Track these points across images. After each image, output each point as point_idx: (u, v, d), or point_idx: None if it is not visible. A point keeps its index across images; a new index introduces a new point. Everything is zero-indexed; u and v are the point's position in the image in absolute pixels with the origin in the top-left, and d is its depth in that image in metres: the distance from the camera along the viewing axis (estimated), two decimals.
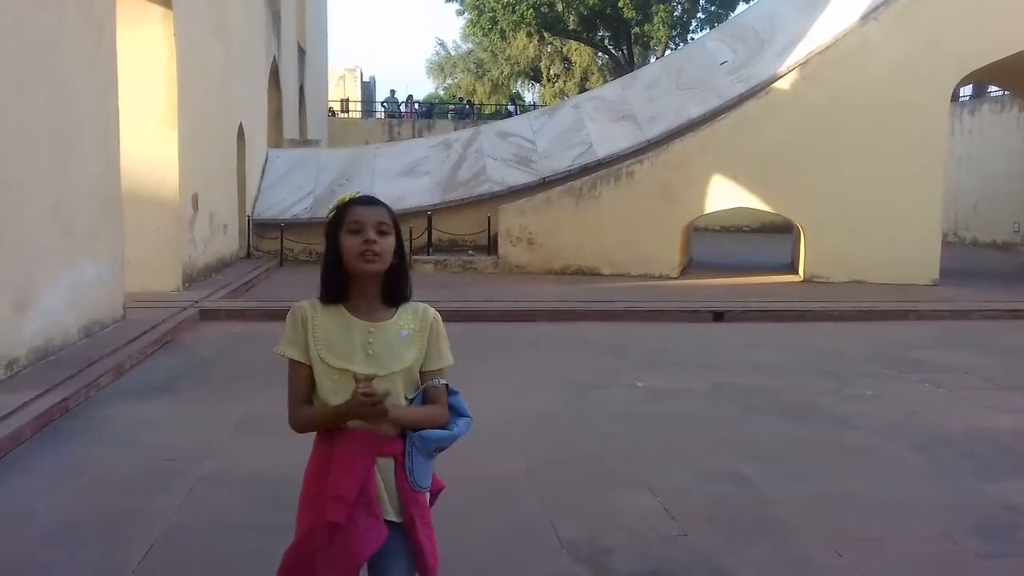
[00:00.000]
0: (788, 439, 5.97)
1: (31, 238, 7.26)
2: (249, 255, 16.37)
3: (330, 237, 2.36)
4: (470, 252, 16.05)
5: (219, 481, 4.96)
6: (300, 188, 17.41)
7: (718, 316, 11.18)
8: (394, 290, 2.40)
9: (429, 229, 15.93)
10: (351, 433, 2.32)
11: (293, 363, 2.37)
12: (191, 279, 12.27)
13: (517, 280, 14.27)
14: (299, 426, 2.39)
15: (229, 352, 8.77)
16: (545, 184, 16.11)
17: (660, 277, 14.69)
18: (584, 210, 15.08)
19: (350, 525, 2.27)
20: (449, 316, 9.58)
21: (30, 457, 5.33)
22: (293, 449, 5.81)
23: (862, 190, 14.28)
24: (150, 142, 11.25)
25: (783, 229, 20.16)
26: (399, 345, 2.37)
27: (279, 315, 10.48)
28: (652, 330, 10.32)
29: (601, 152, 16.35)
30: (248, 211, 16.51)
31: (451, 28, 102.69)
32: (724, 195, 14.97)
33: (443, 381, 2.45)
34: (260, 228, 16.69)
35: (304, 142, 22.13)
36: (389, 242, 2.33)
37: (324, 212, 2.29)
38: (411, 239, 15.86)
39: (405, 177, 17.35)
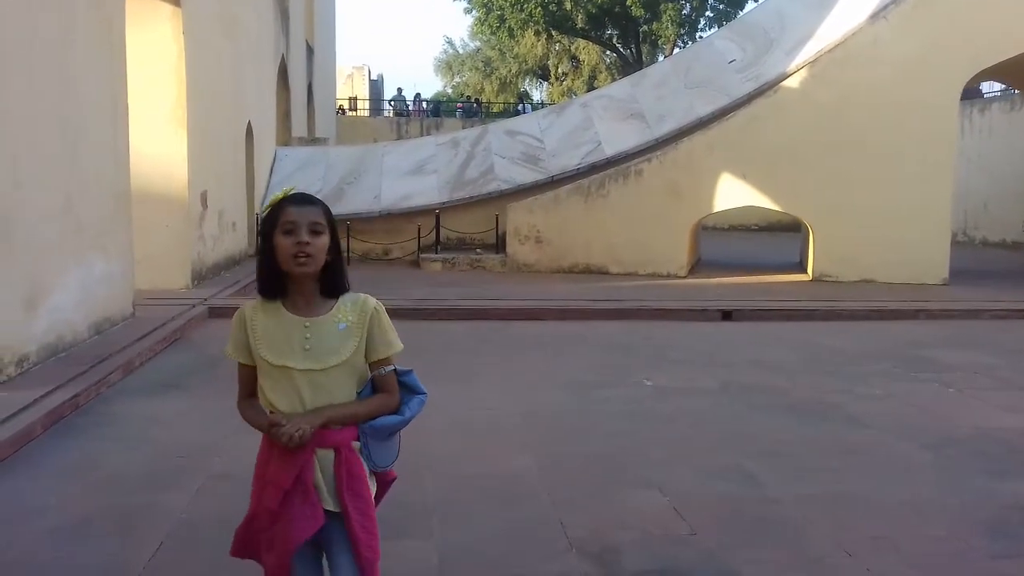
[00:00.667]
0: (797, 438, 5.96)
1: (41, 235, 7.29)
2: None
3: (265, 235, 2.40)
4: (478, 251, 16.05)
5: (229, 478, 4.97)
6: (309, 186, 17.37)
7: (726, 315, 11.16)
8: (330, 285, 2.44)
9: (437, 227, 15.93)
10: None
11: (240, 364, 2.50)
12: (200, 277, 12.31)
13: (525, 279, 14.27)
14: (242, 417, 2.52)
15: None
16: (553, 183, 16.10)
17: (668, 276, 14.67)
18: (592, 209, 15.07)
19: (286, 511, 2.35)
20: (457, 314, 9.70)
21: (41, 453, 5.36)
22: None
23: (871, 189, 14.23)
24: (159, 140, 11.29)
25: (791, 228, 20.11)
26: (336, 338, 2.41)
27: None
28: (660, 329, 10.31)
29: (609, 150, 16.34)
30: (257, 209, 16.53)
31: (459, 26, 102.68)
32: (733, 194, 14.94)
33: (390, 368, 2.49)
34: None
35: (312, 140, 22.17)
36: (322, 242, 2.37)
37: (333, 210, 2.30)
38: (420, 237, 15.89)
39: (413, 175, 17.36)
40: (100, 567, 3.81)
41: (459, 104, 43.20)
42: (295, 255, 2.33)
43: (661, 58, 38.17)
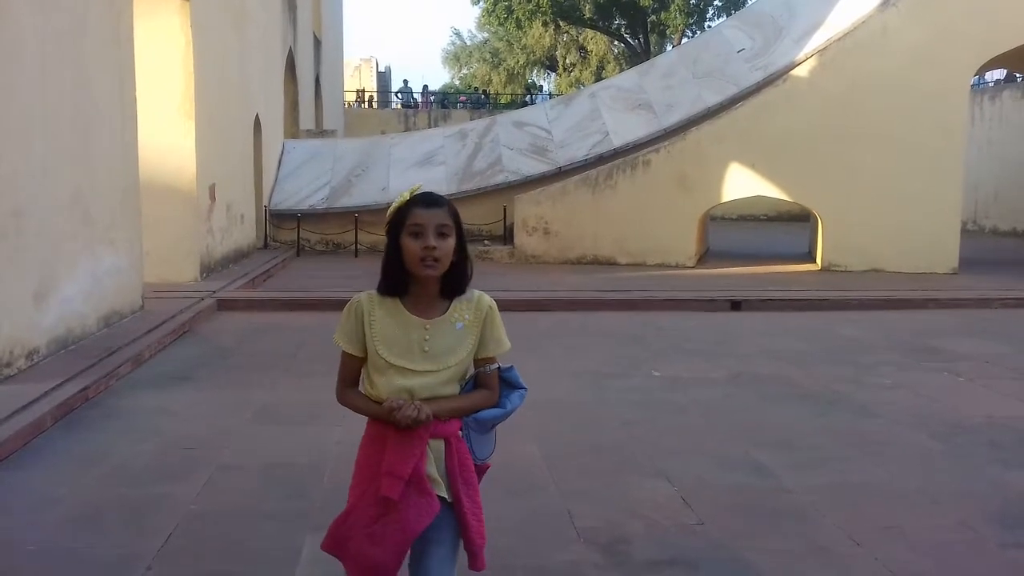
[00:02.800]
0: (806, 428, 5.95)
1: (51, 228, 7.30)
2: (266, 245, 16.43)
3: (391, 235, 2.40)
4: (486, 242, 16.04)
5: (238, 469, 4.99)
6: (317, 179, 17.44)
7: (735, 305, 11.14)
8: (453, 286, 2.44)
9: None
10: None
11: (345, 353, 2.47)
12: (208, 269, 12.33)
13: (533, 270, 14.26)
14: (344, 404, 2.52)
15: (247, 342, 8.81)
16: (561, 174, 16.07)
17: (677, 266, 14.65)
18: (600, 199, 15.04)
19: (403, 501, 2.34)
20: None
21: (51, 445, 5.38)
22: (311, 437, 5.83)
23: (881, 178, 14.18)
24: (168, 132, 11.30)
25: (800, 218, 20.05)
26: (454, 338, 2.43)
27: (296, 305, 10.62)
28: (669, 319, 10.29)
29: (617, 141, 16.30)
30: (265, 201, 16.57)
31: (466, 17, 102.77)
32: (741, 184, 14.90)
33: (495, 367, 2.53)
34: (277, 219, 16.73)
35: (320, 132, 22.18)
36: (449, 244, 2.37)
37: (341, 203, 2.29)
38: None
39: (421, 167, 17.35)
40: (110, 558, 3.83)
41: (461, 98, 43.13)
42: (423, 259, 2.33)
43: (669, 48, 38.01)
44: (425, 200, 2.38)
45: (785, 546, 4.01)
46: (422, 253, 2.32)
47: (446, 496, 2.42)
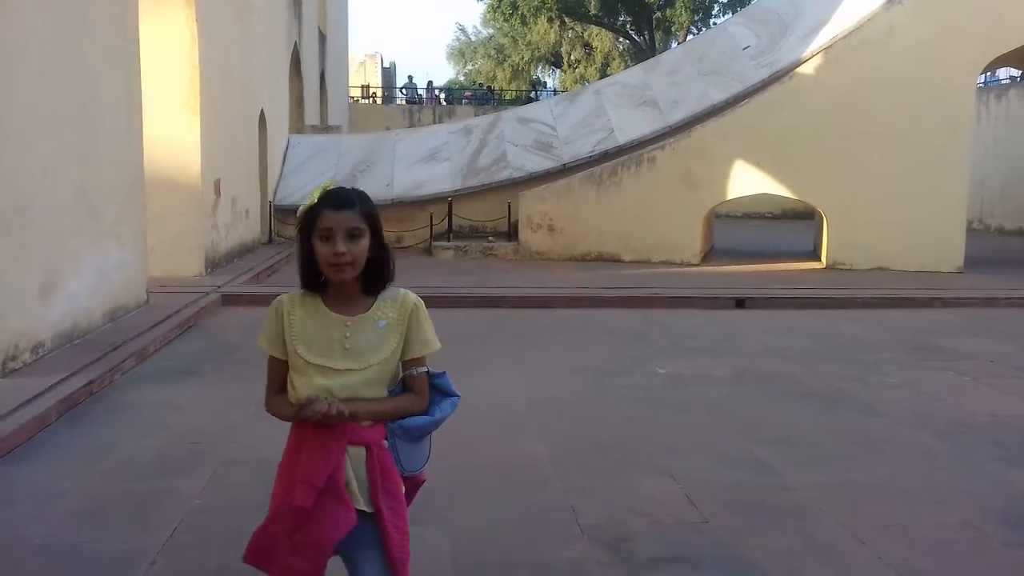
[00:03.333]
0: (810, 426, 5.94)
1: (56, 223, 7.32)
2: (271, 240, 16.44)
3: (302, 237, 2.31)
4: (490, 238, 16.04)
5: (243, 463, 5.00)
6: (322, 174, 17.42)
7: (740, 303, 11.13)
8: (372, 282, 2.36)
9: (450, 215, 15.93)
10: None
11: (271, 357, 2.40)
12: (213, 264, 12.35)
13: (537, 266, 14.26)
14: (270, 412, 2.45)
15: (251, 336, 8.77)
16: (566, 170, 16.06)
17: (681, 264, 14.64)
18: (605, 196, 15.03)
19: (318, 510, 2.25)
20: (469, 303, 9.68)
21: (56, 440, 5.40)
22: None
23: (886, 176, 14.15)
24: (173, 128, 11.31)
25: (805, 216, 20.02)
26: (377, 336, 2.33)
27: None
28: (673, 317, 10.28)
29: (622, 138, 16.28)
30: (270, 197, 16.58)
31: (471, 13, 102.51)
32: (746, 181, 14.87)
33: (423, 369, 2.41)
34: (282, 214, 16.73)
35: (325, 128, 22.19)
36: (362, 246, 2.28)
37: None
38: (432, 225, 15.88)
39: (426, 163, 17.35)
40: (115, 552, 3.84)
41: (467, 93, 43.11)
42: (333, 264, 2.26)
43: (675, 45, 38.00)
44: (334, 202, 2.28)
45: (788, 544, 4.02)
46: (332, 259, 2.25)
47: (366, 508, 2.31)
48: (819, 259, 15.23)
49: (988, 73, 21.01)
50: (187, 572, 3.69)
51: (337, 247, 2.25)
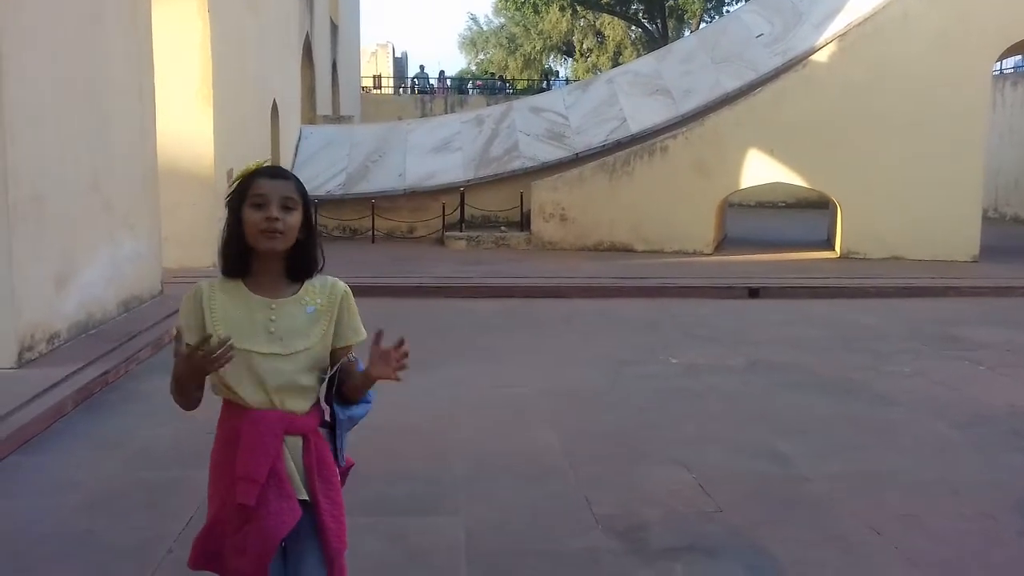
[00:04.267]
0: (825, 416, 5.92)
1: (71, 213, 7.34)
2: None
3: (232, 208, 2.23)
4: (503, 228, 16.01)
5: None
6: (333, 164, 17.45)
7: (753, 292, 11.09)
8: (299, 266, 2.28)
9: (462, 205, 15.91)
10: (259, 413, 2.23)
11: (186, 345, 2.19)
12: None
13: (550, 256, 14.24)
14: (174, 393, 2.30)
15: None
16: (578, 160, 16.00)
17: (694, 253, 14.59)
18: (617, 186, 14.98)
19: (262, 506, 2.18)
20: (482, 292, 9.67)
21: (72, 429, 5.43)
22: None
23: (900, 165, 14.06)
24: (186, 118, 11.33)
25: (819, 205, 19.91)
26: (304, 321, 2.26)
27: None
28: (686, 306, 10.26)
29: (635, 127, 16.21)
30: None
31: (483, 2, 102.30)
32: (759, 170, 14.80)
33: (355, 358, 2.35)
34: None
35: (337, 118, 22.19)
36: (295, 218, 2.21)
37: (358, 188, 2.23)
38: (444, 215, 15.87)
39: (438, 153, 17.32)
40: (131, 541, 3.86)
41: (478, 82, 43.02)
42: (264, 230, 2.17)
43: (687, 33, 37.80)
44: (270, 172, 2.24)
45: (803, 534, 4.00)
46: (264, 225, 2.16)
47: (304, 496, 2.25)
48: (833, 248, 15.15)
49: (1000, 61, 20.81)
50: None
51: (271, 212, 2.17)
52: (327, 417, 2.37)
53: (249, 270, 2.26)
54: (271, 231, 2.17)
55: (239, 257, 2.25)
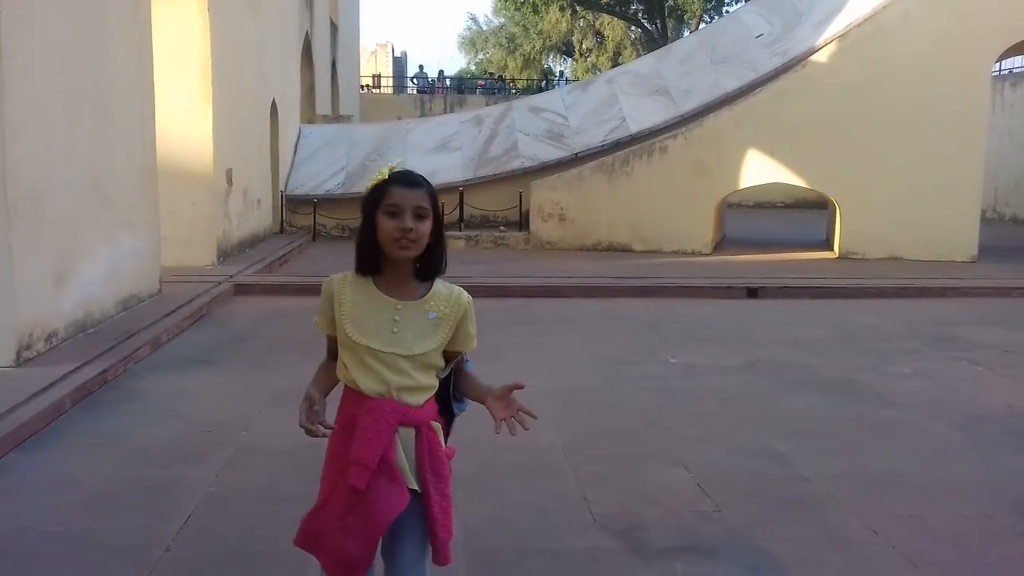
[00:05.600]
0: (824, 416, 5.92)
1: (70, 212, 7.34)
2: (282, 230, 16.46)
3: (366, 213, 2.33)
4: (502, 228, 16.02)
5: (257, 451, 5.01)
6: (333, 164, 17.45)
7: (752, 292, 11.10)
8: (428, 269, 2.39)
9: (461, 205, 15.91)
10: (375, 402, 2.33)
11: (327, 336, 2.46)
12: (225, 254, 12.37)
13: (549, 256, 14.24)
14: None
15: (264, 326, 8.84)
16: (577, 160, 16.02)
17: (693, 253, 14.60)
18: (616, 186, 14.99)
19: (371, 491, 2.28)
20: (481, 292, 9.63)
21: (70, 427, 5.42)
22: (329, 420, 5.87)
23: (900, 165, 14.07)
24: (185, 117, 11.32)
25: (818, 205, 19.93)
26: (426, 327, 2.36)
27: (312, 290, 10.58)
28: (685, 306, 10.26)
29: (634, 127, 16.23)
30: (281, 186, 16.59)
31: (483, 2, 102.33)
32: (759, 170, 14.81)
33: (467, 361, 2.54)
34: (293, 203, 16.76)
35: (336, 118, 22.18)
36: (426, 227, 2.30)
37: (357, 188, 2.30)
38: (443, 215, 15.81)
39: (437, 153, 17.33)
40: (129, 539, 3.85)
41: (480, 81, 43.00)
42: (398, 239, 2.27)
43: (687, 33, 37.81)
44: (405, 180, 2.33)
45: (803, 534, 4.00)
46: (398, 234, 2.26)
47: (415, 487, 2.35)
48: (832, 248, 15.16)
49: (1000, 62, 20.82)
50: (202, 559, 3.70)
51: (405, 223, 2.27)
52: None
53: (379, 270, 2.37)
54: (405, 240, 2.27)
55: (371, 259, 2.36)
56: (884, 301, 10.94)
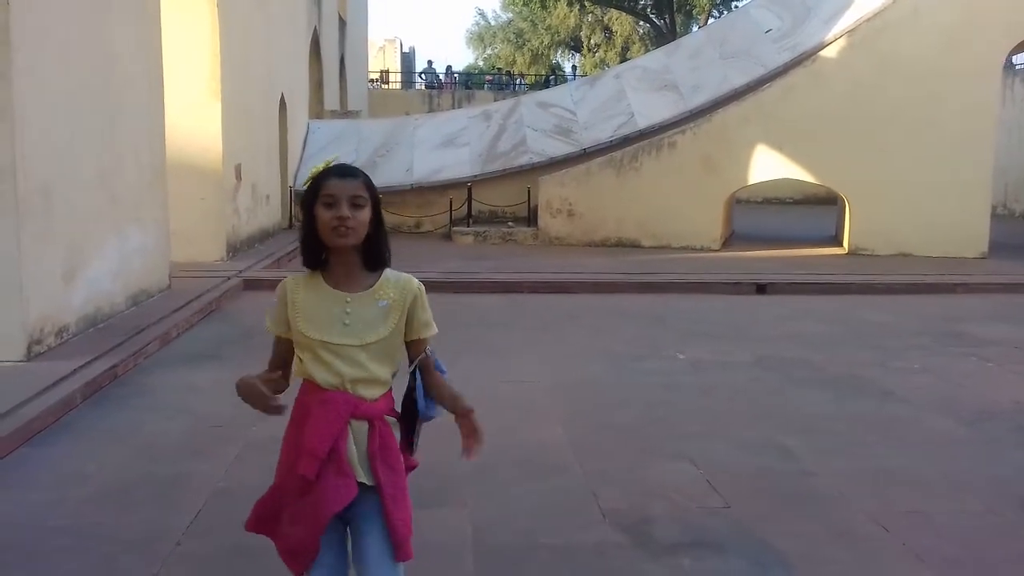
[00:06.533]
0: (832, 412, 5.92)
1: (79, 207, 7.37)
2: (291, 226, 16.47)
3: (306, 207, 2.39)
4: (510, 223, 16.02)
5: (265, 446, 5.00)
6: (341, 159, 17.39)
7: (761, 288, 11.08)
8: (372, 258, 2.43)
9: (469, 200, 15.92)
10: (328, 394, 2.37)
11: (276, 336, 2.50)
12: (234, 249, 12.40)
13: (557, 252, 14.24)
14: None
15: None
16: (586, 155, 16.00)
17: (702, 249, 14.58)
18: (625, 181, 14.97)
19: (319, 481, 2.32)
20: (488, 287, 9.66)
21: (80, 422, 5.45)
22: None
23: (909, 161, 14.02)
24: (194, 113, 11.35)
25: (827, 201, 19.86)
26: (377, 315, 2.40)
27: None
28: (694, 302, 10.25)
29: (642, 122, 16.19)
30: (290, 182, 16.62)
31: None
32: (767, 166, 14.78)
33: (431, 351, 2.51)
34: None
35: (345, 113, 22.19)
36: (363, 215, 2.35)
37: None
38: (451, 210, 15.89)
39: (445, 148, 17.33)
40: (139, 534, 3.88)
41: (488, 76, 42.95)
42: (335, 228, 2.32)
43: (695, 28, 37.70)
44: (339, 171, 2.38)
45: (810, 530, 4.00)
46: (335, 223, 2.31)
47: (366, 480, 2.37)
48: (841, 244, 15.12)
49: (1010, 57, 20.71)
50: (212, 553, 3.72)
51: (341, 211, 2.31)
52: (398, 408, 2.51)
53: (326, 264, 2.42)
54: (342, 228, 2.31)
55: (314, 252, 2.41)
56: (893, 297, 10.90)
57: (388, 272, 2.46)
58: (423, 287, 2.49)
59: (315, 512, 2.32)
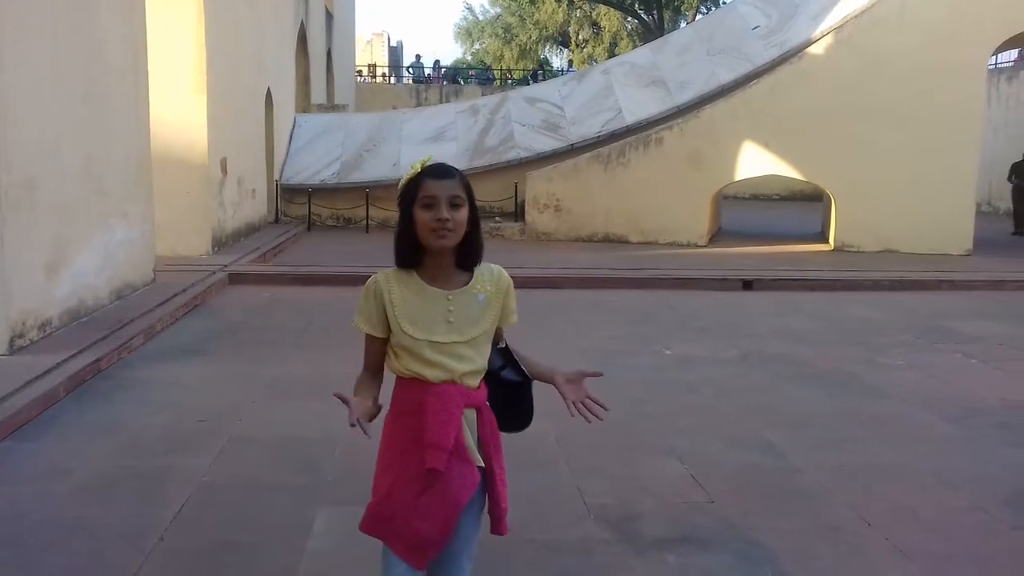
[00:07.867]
0: (818, 408, 5.93)
1: (64, 199, 7.31)
2: (277, 220, 16.43)
3: (403, 208, 2.38)
4: (497, 219, 16.00)
5: (250, 441, 5.01)
6: (328, 153, 17.41)
7: (747, 284, 11.10)
8: (468, 257, 2.43)
9: None
10: (441, 387, 2.38)
11: (368, 336, 2.45)
12: (220, 243, 12.34)
13: (544, 247, 14.23)
14: (355, 390, 2.51)
15: (258, 316, 8.82)
16: (573, 150, 15.99)
17: (689, 245, 14.60)
18: (612, 177, 14.97)
19: (448, 472, 2.35)
20: None
21: (64, 416, 5.41)
22: (322, 411, 5.84)
23: (895, 158, 14.06)
24: (180, 106, 11.28)
25: (813, 197, 19.94)
26: (477, 310, 2.43)
27: (307, 280, 10.62)
28: (680, 298, 10.26)
29: (630, 118, 16.20)
30: (276, 176, 16.55)
31: None
32: (754, 162, 14.80)
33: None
34: (288, 193, 16.72)
35: (332, 107, 22.10)
36: (462, 215, 2.34)
37: (352, 177, 2.27)
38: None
39: (432, 143, 17.28)
40: (123, 528, 3.85)
41: (472, 71, 42.85)
42: (435, 229, 2.31)
43: (683, 24, 37.72)
44: (437, 172, 2.36)
45: (796, 525, 4.01)
46: (435, 224, 2.30)
47: (482, 464, 2.45)
48: (827, 241, 15.17)
49: (996, 56, 20.82)
50: (195, 548, 3.70)
51: (441, 213, 2.30)
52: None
53: (421, 262, 2.40)
54: (443, 230, 2.31)
55: (411, 252, 2.39)
56: (879, 294, 10.95)
57: (479, 265, 2.48)
58: (511, 279, 2.55)
59: (448, 503, 2.35)
